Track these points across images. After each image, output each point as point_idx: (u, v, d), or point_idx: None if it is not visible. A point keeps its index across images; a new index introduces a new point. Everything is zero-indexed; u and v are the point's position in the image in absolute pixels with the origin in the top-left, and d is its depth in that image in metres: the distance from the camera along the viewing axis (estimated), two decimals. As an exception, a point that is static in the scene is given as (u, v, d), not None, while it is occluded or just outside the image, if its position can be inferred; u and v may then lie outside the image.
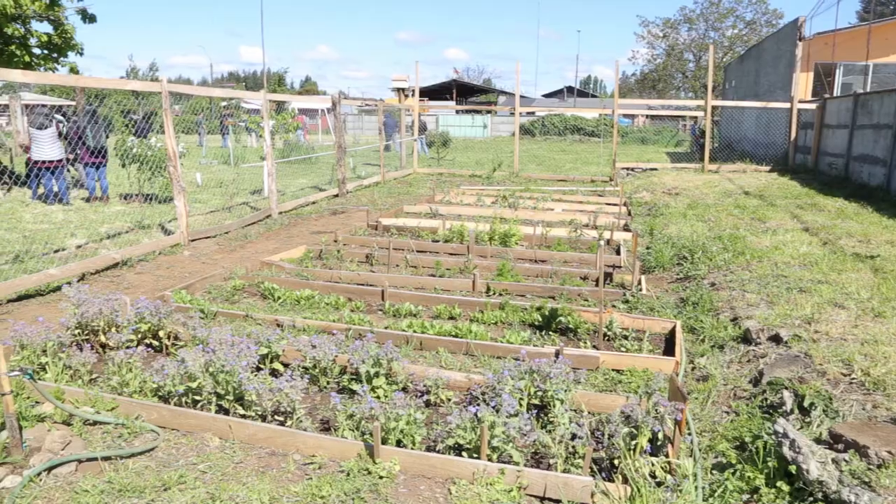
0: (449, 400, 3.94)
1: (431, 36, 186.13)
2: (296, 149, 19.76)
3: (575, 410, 3.74)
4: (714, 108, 18.85)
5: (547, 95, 70.55)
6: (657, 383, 3.51)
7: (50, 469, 3.21)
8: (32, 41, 14.55)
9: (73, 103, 28.41)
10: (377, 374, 3.97)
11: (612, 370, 4.44)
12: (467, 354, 4.69)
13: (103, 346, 4.67)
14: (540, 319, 5.30)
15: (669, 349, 4.82)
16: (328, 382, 4.18)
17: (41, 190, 11.96)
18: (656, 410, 3.13)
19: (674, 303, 5.87)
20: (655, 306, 5.72)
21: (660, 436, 3.14)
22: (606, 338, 5.01)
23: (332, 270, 6.79)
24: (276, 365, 4.26)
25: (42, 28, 14.75)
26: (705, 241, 7.63)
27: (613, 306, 5.71)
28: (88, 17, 15.20)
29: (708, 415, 3.76)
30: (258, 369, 4.17)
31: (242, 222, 9.68)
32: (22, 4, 13.36)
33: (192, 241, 8.35)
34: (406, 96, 22.94)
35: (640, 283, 6.28)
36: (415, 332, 4.97)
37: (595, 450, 3.27)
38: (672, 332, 5.06)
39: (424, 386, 3.95)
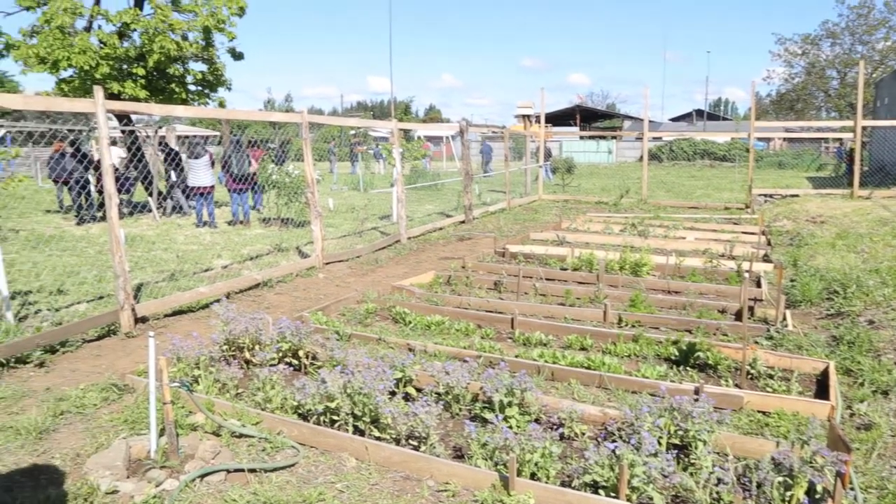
0: (583, 434, 3.84)
1: (555, 62, 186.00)
2: (422, 175, 20.26)
3: (718, 453, 3.53)
4: (864, 128, 17.52)
5: (674, 119, 68.48)
6: (812, 429, 3.25)
7: (203, 476, 3.41)
8: (189, 78, 15.85)
9: (218, 133, 30.71)
10: (510, 404, 3.94)
11: (758, 412, 4.16)
12: (600, 387, 4.56)
13: (248, 361, 4.94)
14: (676, 354, 5.07)
15: (822, 392, 4.47)
16: (460, 409, 4.19)
17: (205, 216, 12.89)
18: (814, 460, 2.90)
19: (824, 341, 5.45)
20: (803, 344, 5.34)
21: (818, 488, 2.90)
22: (750, 376, 4.72)
23: (462, 297, 6.85)
24: (410, 389, 4.33)
25: (197, 67, 16.06)
26: (860, 274, 7.05)
27: (756, 343, 5.38)
28: (237, 56, 16.39)
29: (873, 469, 3.43)
30: (392, 393, 4.25)
31: (373, 247, 10.00)
32: (182, 47, 14.61)
33: (327, 264, 8.72)
34: (531, 123, 23.04)
35: (784, 318, 5.89)
36: (546, 362, 4.90)
37: (742, 497, 3.06)
38: (824, 374, 4.69)
39: (558, 418, 3.87)
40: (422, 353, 5.01)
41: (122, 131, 15.66)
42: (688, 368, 4.89)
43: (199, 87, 16.26)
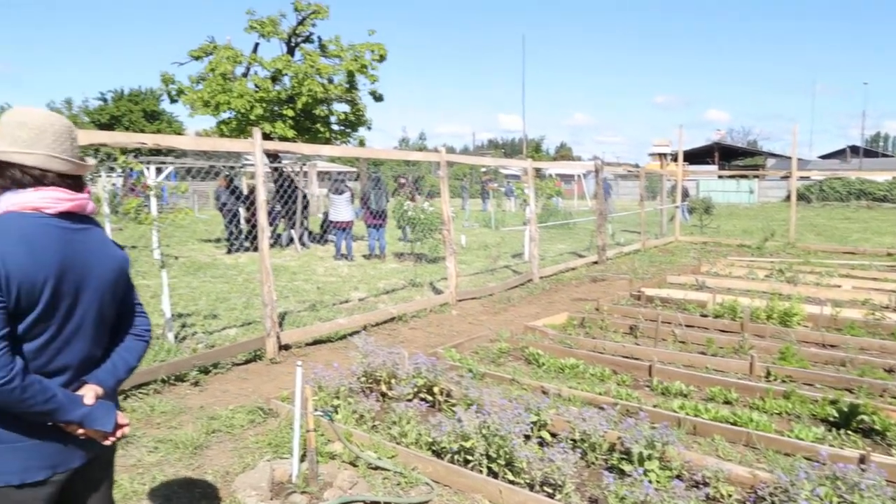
0: (730, 496, 3.59)
1: (690, 98, 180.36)
2: (554, 213, 20.13)
3: (889, 532, 3.18)
4: None
5: (824, 157, 64.01)
6: None
7: (341, 505, 3.50)
8: (332, 119, 16.77)
9: (355, 170, 32.21)
10: (650, 457, 3.77)
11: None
12: (747, 446, 4.26)
13: (383, 394, 5.04)
14: (835, 415, 4.66)
15: None
16: (596, 458, 4.05)
17: (343, 250, 13.47)
18: None
19: None
20: None
21: None
22: (925, 446, 4.25)
23: (596, 340, 6.68)
24: (544, 433, 4.25)
25: (340, 108, 16.96)
26: None
27: (931, 408, 4.83)
28: (378, 97, 17.16)
29: None
30: (527, 436, 4.19)
31: (505, 285, 10.01)
32: (328, 89, 15.52)
33: (460, 300, 8.81)
34: (667, 161, 22.39)
35: (965, 382, 5.26)
36: (687, 414, 4.66)
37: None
38: None
39: (702, 476, 3.65)
40: (556, 397, 4.92)
41: (271, 168, 16.76)
42: (849, 432, 4.47)
43: (342, 127, 17.14)
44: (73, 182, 1.97)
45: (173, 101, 16.57)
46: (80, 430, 1.91)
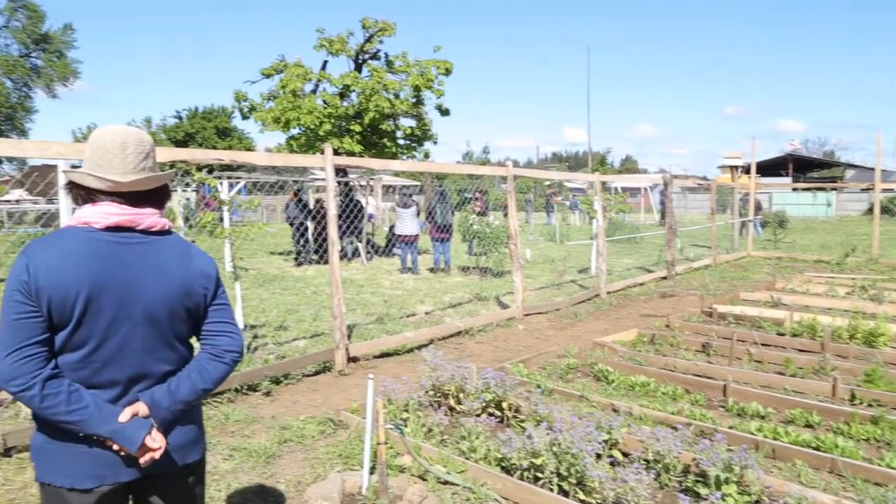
0: (815, 525, 3.43)
1: (762, 108, 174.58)
2: (620, 227, 19.80)
3: None
4: None
5: (911, 168, 60.86)
6: None
7: (411, 520, 3.50)
8: (398, 133, 17.00)
9: (419, 183, 32.54)
10: (727, 481, 3.63)
11: None
12: (832, 473, 4.07)
13: (451, 409, 5.04)
14: (929, 442, 4.40)
15: None
16: (669, 480, 3.94)
17: (409, 263, 13.60)
18: None
19: None
20: None
21: None
22: None
23: (667, 358, 6.52)
24: (616, 452, 4.16)
25: (407, 122, 17.16)
26: None
27: None
28: (444, 112, 17.31)
29: None
30: (597, 455, 4.11)
31: (572, 300, 9.89)
32: (395, 104, 15.76)
33: (526, 315, 8.75)
34: (738, 173, 21.77)
35: None
36: (765, 437, 4.48)
37: None
38: None
39: (784, 503, 3.50)
40: (626, 415, 4.81)
41: (338, 182, 17.10)
42: (945, 461, 4.21)
43: (408, 142, 17.36)
44: (139, 196, 1.99)
45: (245, 117, 17.14)
46: (115, 446, 1.93)
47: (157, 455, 1.95)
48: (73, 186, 2.00)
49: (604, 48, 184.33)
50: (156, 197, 2.05)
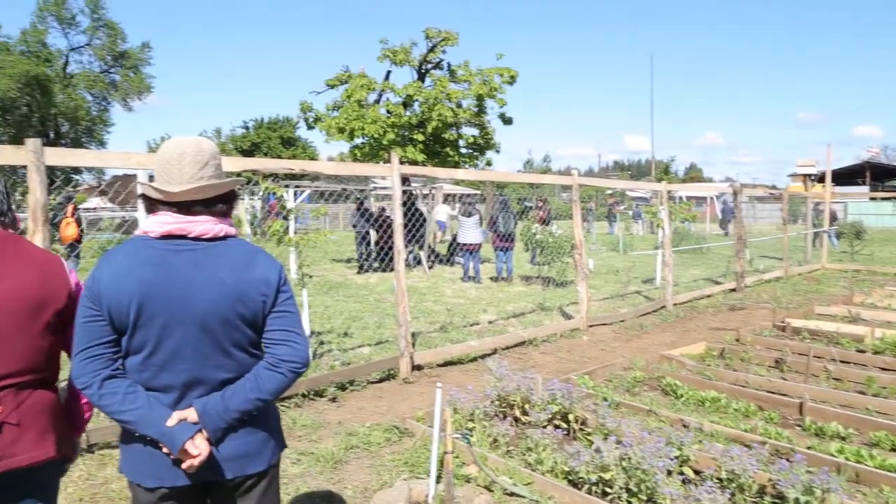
0: (904, 553, 3.26)
1: (837, 113, 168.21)
2: (686, 237, 19.35)
3: None
4: None
5: None
6: None
7: (478, 532, 3.48)
8: (461, 142, 17.05)
9: (479, 192, 32.57)
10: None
11: None
12: (922, 499, 3.85)
13: (516, 419, 5.00)
14: None
15: None
16: (745, 500, 3.80)
17: (471, 272, 13.61)
18: None
19: None
20: None
21: None
22: None
23: (738, 373, 6.32)
24: (686, 469, 4.04)
25: (469, 131, 17.22)
26: None
27: None
28: (507, 121, 17.28)
29: None
30: (668, 472, 4.01)
31: (637, 311, 9.70)
32: (457, 113, 15.82)
33: (591, 326, 8.63)
34: (811, 182, 20.99)
35: None
36: (847, 459, 4.28)
37: None
38: None
39: (870, 529, 3.34)
40: (696, 431, 4.67)
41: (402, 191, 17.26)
42: None
43: (470, 151, 17.39)
44: (195, 205, 2.02)
45: (310, 127, 17.49)
46: (165, 449, 1.97)
47: (196, 462, 1.94)
48: (142, 197, 2.10)
49: (668, 55, 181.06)
50: (214, 205, 2.07)
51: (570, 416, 4.82)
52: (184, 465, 1.96)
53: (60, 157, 4.70)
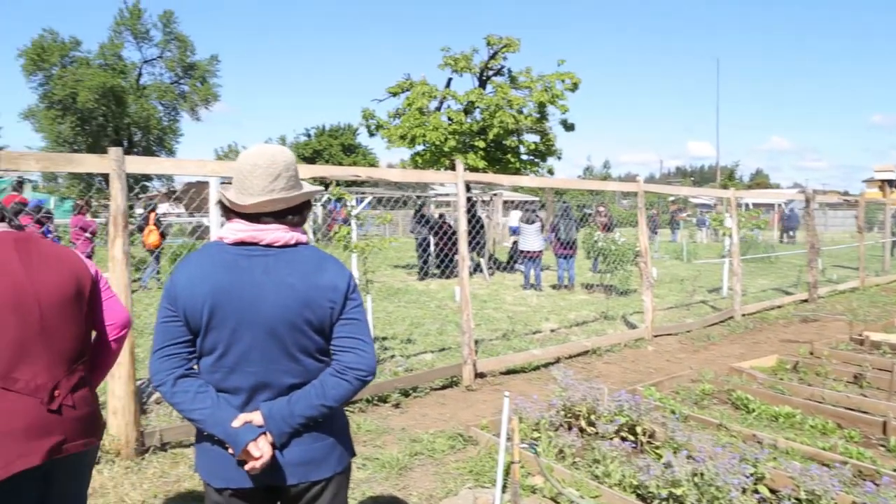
0: None
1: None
2: (753, 246, 18.75)
3: None
4: None
5: None
6: None
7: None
8: (522, 149, 16.98)
9: (537, 198, 32.33)
10: (895, 528, 3.32)
11: None
12: None
13: (581, 430, 4.93)
14: None
15: None
16: (825, 522, 3.65)
17: (532, 279, 13.51)
18: None
19: None
20: None
21: None
22: None
23: (813, 388, 6.07)
24: (762, 488, 3.90)
25: (530, 138, 17.12)
26: None
27: None
28: (568, 127, 17.14)
29: None
30: (743, 489, 3.88)
31: (704, 322, 9.45)
32: (519, 120, 15.77)
33: (655, 336, 8.45)
34: (890, 189, 20.07)
35: None
36: (938, 482, 4.06)
37: None
38: None
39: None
40: (770, 448, 4.51)
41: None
42: None
43: (531, 157, 17.30)
44: (265, 214, 2.06)
45: (372, 134, 17.73)
46: (230, 450, 2.01)
47: (258, 464, 1.96)
48: (219, 204, 2.18)
49: (733, 59, 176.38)
50: (284, 216, 2.10)
51: (638, 429, 4.72)
52: (246, 467, 1.99)
53: (140, 165, 4.89)
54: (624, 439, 4.72)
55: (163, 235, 13.04)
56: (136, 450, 4.50)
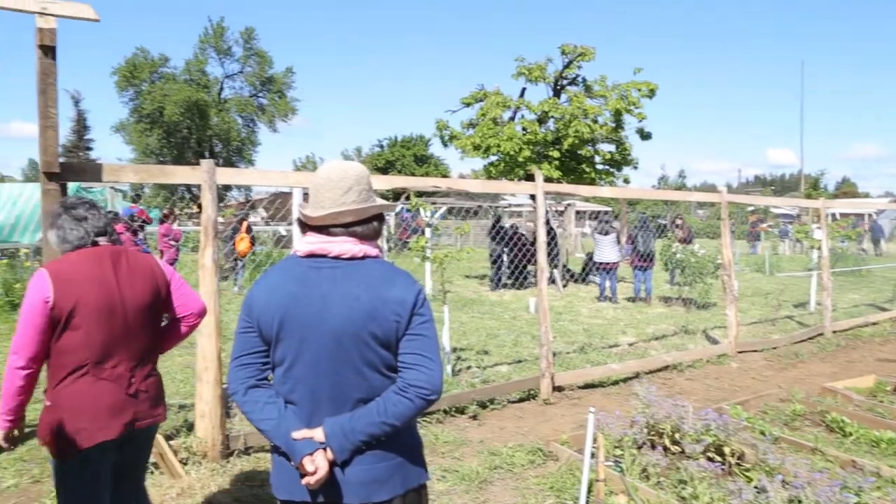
0: None
1: None
2: (842, 258, 17.89)
3: None
4: None
5: None
6: None
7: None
8: (597, 159, 16.72)
9: (610, 209, 31.82)
10: None
11: None
12: None
13: (665, 449, 4.78)
14: None
15: None
16: (937, 557, 3.42)
17: (607, 291, 13.25)
18: None
19: None
20: None
21: None
22: None
23: (918, 411, 5.72)
24: (865, 518, 3.70)
25: (606, 147, 16.83)
26: None
27: None
28: (645, 136, 16.78)
29: None
30: (843, 518, 3.68)
31: (791, 338, 9.05)
32: (594, 129, 15.53)
33: (739, 352, 8.15)
34: None
35: None
36: None
37: None
38: None
39: None
40: (873, 476, 4.26)
41: (534, 209, 17.14)
42: None
43: (607, 167, 17.01)
44: (336, 227, 2.07)
45: (445, 145, 17.80)
46: (292, 463, 2.01)
47: (312, 479, 1.93)
48: (298, 220, 2.22)
49: (819, 63, 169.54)
50: (353, 228, 2.09)
51: (726, 449, 4.54)
52: (302, 481, 1.97)
53: (229, 176, 5.07)
54: (711, 460, 4.54)
55: (253, 242, 13.52)
56: (222, 452, 4.63)
